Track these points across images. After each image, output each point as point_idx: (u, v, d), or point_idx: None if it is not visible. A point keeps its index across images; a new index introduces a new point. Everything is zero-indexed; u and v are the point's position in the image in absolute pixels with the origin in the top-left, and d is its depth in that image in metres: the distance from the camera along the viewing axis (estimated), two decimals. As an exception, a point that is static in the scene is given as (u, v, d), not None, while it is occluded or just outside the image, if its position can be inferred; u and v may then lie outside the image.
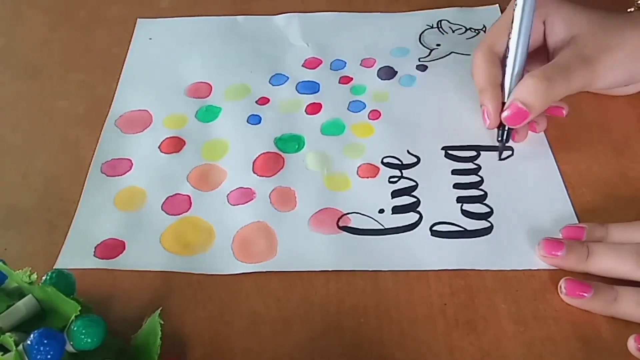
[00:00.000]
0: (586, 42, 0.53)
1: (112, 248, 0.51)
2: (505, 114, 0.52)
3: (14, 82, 0.66)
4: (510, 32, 0.53)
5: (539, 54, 0.56)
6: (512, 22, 0.53)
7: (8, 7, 0.76)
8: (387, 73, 0.65)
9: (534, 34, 0.54)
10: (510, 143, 0.56)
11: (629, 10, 0.58)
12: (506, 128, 0.54)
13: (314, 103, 0.62)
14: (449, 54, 0.66)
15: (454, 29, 0.70)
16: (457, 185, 0.54)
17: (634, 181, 0.53)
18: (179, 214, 0.53)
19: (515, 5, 0.53)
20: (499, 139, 0.55)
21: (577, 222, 0.51)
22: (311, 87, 0.63)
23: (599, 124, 0.58)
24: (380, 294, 0.47)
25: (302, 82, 0.64)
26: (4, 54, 0.70)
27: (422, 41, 0.68)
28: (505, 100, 0.53)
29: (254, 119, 0.60)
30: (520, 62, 0.53)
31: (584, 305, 0.45)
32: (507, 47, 0.54)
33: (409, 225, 0.51)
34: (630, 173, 0.54)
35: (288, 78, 0.65)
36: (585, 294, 0.44)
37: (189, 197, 0.54)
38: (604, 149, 0.56)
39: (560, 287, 0.46)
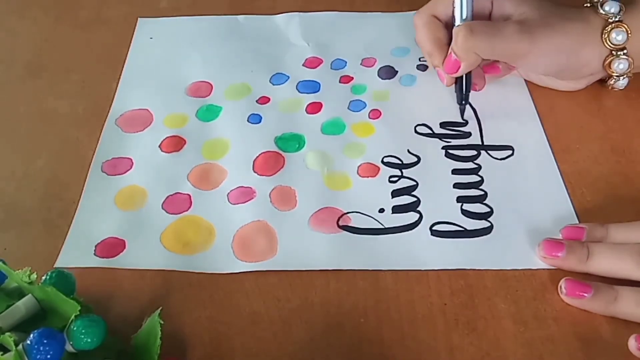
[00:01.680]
0: (530, 18, 0.55)
1: (112, 247, 0.51)
2: (444, 63, 0.56)
3: (14, 82, 0.66)
4: (454, 4, 0.56)
5: None
6: None
7: (8, 7, 0.76)
8: (388, 72, 0.65)
9: (480, 11, 0.57)
10: (510, 141, 0.56)
11: (585, 5, 0.59)
12: (462, 88, 0.57)
13: (315, 102, 0.62)
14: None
15: (454, 29, 0.69)
16: (457, 185, 0.54)
17: (634, 181, 0.53)
18: (179, 213, 0.53)
19: None
20: (458, 101, 0.58)
21: (577, 222, 0.51)
22: (312, 87, 0.63)
23: (599, 124, 0.58)
24: (380, 293, 0.47)
25: (303, 81, 0.64)
26: (4, 53, 0.70)
27: (422, 40, 0.68)
28: None
29: (255, 118, 0.60)
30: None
31: (584, 306, 0.45)
32: (453, 13, 0.56)
33: (409, 224, 0.51)
34: (630, 173, 0.54)
35: (288, 77, 0.65)
36: (585, 294, 0.44)
37: (190, 196, 0.54)
38: (604, 149, 0.56)
39: (560, 287, 0.46)
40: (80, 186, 0.55)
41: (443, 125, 0.59)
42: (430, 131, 0.58)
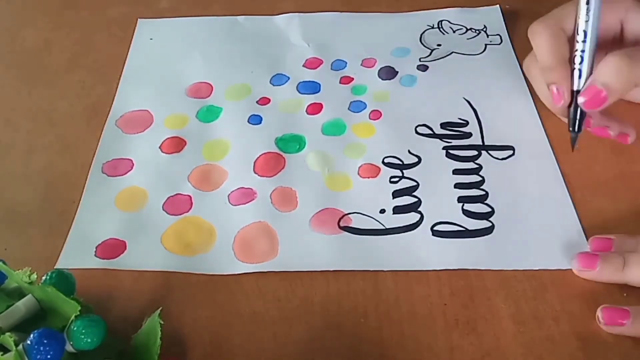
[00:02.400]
0: None
1: (113, 248, 0.51)
2: (582, 98, 0.50)
3: (14, 82, 0.66)
4: (579, 10, 0.50)
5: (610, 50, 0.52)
6: (586, 1, 0.50)
7: (9, 7, 0.76)
8: (388, 73, 0.65)
9: (608, 32, 0.52)
10: (510, 141, 0.56)
11: None
12: (577, 114, 0.51)
13: (315, 103, 0.62)
14: (450, 54, 0.66)
15: (454, 29, 0.70)
16: (458, 185, 0.54)
17: (634, 181, 0.53)
18: (180, 214, 0.53)
19: None
20: (572, 127, 0.52)
21: (578, 222, 0.50)
22: (312, 87, 0.63)
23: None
24: (380, 294, 0.47)
25: (303, 82, 0.64)
26: (4, 53, 0.70)
27: (422, 41, 0.68)
28: (576, 86, 0.50)
29: (255, 119, 0.60)
30: (594, 42, 0.50)
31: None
32: (576, 26, 0.51)
33: (410, 225, 0.51)
34: (630, 173, 0.54)
35: (289, 78, 0.65)
36: (624, 322, 0.43)
37: (190, 197, 0.54)
38: (604, 149, 0.56)
39: (598, 317, 0.44)
40: (81, 186, 0.55)
41: (443, 125, 0.59)
42: (430, 131, 0.58)
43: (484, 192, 0.53)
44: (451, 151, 0.57)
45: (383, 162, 0.56)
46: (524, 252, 0.49)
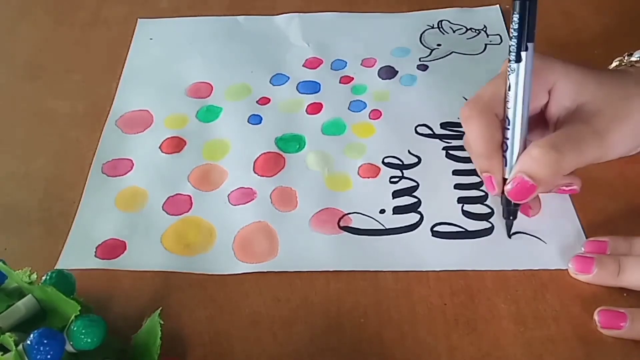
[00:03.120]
0: (596, 113, 0.47)
1: (113, 248, 0.51)
2: (508, 187, 0.47)
3: (14, 82, 0.66)
4: (506, 97, 0.47)
5: (537, 122, 0.51)
6: (509, 88, 0.47)
7: (8, 7, 0.76)
8: (388, 73, 0.65)
9: (536, 102, 0.49)
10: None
11: (610, 67, 0.55)
12: (512, 205, 0.49)
13: (315, 103, 0.62)
14: (450, 53, 0.66)
15: (454, 29, 0.70)
16: (458, 186, 0.54)
17: (634, 181, 0.53)
18: (180, 214, 0.53)
19: (510, 70, 0.47)
20: (505, 215, 0.50)
21: (578, 222, 0.51)
22: (312, 87, 0.63)
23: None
24: (380, 294, 0.47)
25: (303, 82, 0.64)
26: (4, 53, 0.70)
27: (422, 41, 0.68)
28: (506, 173, 0.48)
29: (255, 119, 0.60)
30: (523, 130, 0.47)
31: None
32: (505, 113, 0.48)
33: (410, 225, 0.51)
34: (630, 173, 0.54)
35: (289, 78, 0.65)
36: (622, 324, 0.43)
37: (190, 197, 0.54)
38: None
39: (595, 320, 0.44)
40: (81, 186, 0.55)
41: (443, 125, 0.59)
42: (430, 132, 0.58)
43: (483, 193, 0.53)
44: (451, 152, 0.56)
45: (383, 162, 0.56)
46: (524, 252, 0.49)
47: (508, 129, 0.47)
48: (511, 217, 0.49)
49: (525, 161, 0.46)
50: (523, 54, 0.46)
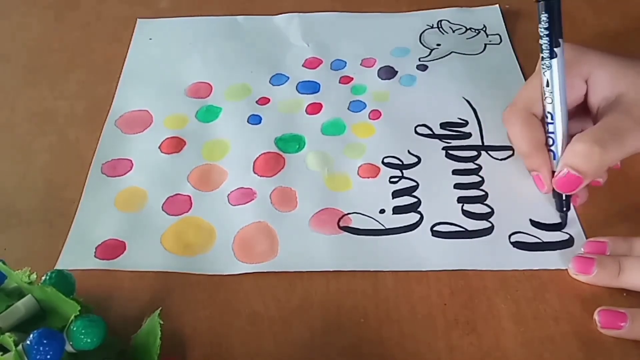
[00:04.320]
0: (635, 102, 0.48)
1: (112, 249, 0.51)
2: (557, 180, 0.49)
3: (13, 82, 0.66)
4: (543, 93, 0.50)
5: (580, 112, 0.52)
6: (545, 82, 0.49)
7: (8, 7, 0.76)
8: (388, 73, 0.65)
9: (574, 94, 0.51)
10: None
11: None
12: (563, 195, 0.50)
13: (315, 103, 0.62)
14: (449, 53, 0.66)
15: (454, 29, 0.70)
16: (457, 186, 0.54)
17: (634, 181, 0.53)
18: (179, 215, 0.53)
19: (544, 65, 0.49)
20: (559, 208, 0.51)
21: (578, 222, 0.51)
22: (311, 87, 0.63)
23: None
24: (380, 294, 0.47)
25: (303, 82, 0.64)
26: (4, 53, 0.70)
27: (422, 41, 0.68)
28: (554, 166, 0.50)
29: (255, 119, 0.60)
30: (564, 123, 0.49)
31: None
32: (544, 109, 0.50)
33: (410, 225, 0.51)
34: (630, 173, 0.54)
35: (288, 78, 0.65)
36: (622, 324, 0.43)
37: (190, 198, 0.54)
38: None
39: (595, 320, 0.44)
40: (80, 186, 0.55)
41: (443, 125, 0.59)
42: (430, 132, 0.58)
43: (483, 193, 0.53)
44: (451, 151, 0.57)
45: (383, 162, 0.56)
46: (524, 252, 0.49)
47: (551, 123, 0.50)
48: (565, 209, 0.50)
49: (570, 156, 0.48)
50: (556, 50, 0.48)
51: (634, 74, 0.50)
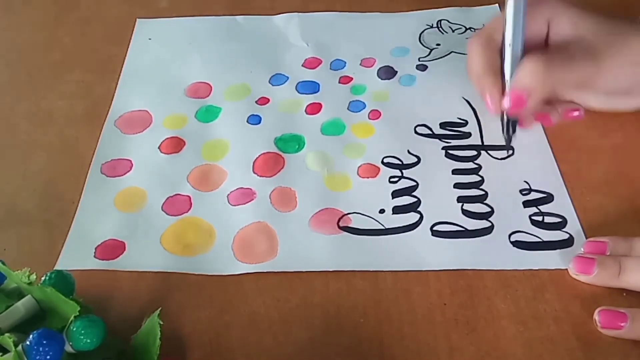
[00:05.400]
0: (592, 42, 0.51)
1: (112, 249, 0.51)
2: (504, 101, 0.52)
3: (13, 82, 0.66)
4: (504, 21, 0.52)
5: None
6: (507, 9, 0.52)
7: (7, 7, 0.76)
8: (387, 73, 0.65)
9: (535, 34, 0.53)
10: (513, 142, 0.56)
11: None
12: (510, 119, 0.53)
13: (314, 103, 0.62)
14: (449, 53, 0.66)
15: (453, 29, 0.70)
16: (457, 185, 0.54)
17: (634, 181, 0.53)
18: (179, 215, 0.53)
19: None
20: (504, 131, 0.54)
21: (578, 222, 0.51)
22: (311, 87, 0.63)
23: (599, 123, 0.58)
24: (380, 293, 0.47)
25: (302, 82, 0.64)
26: (4, 53, 0.70)
27: (422, 41, 0.68)
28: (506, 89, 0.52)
29: (254, 119, 0.60)
30: (517, 50, 0.52)
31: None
32: (503, 37, 0.53)
33: (410, 225, 0.51)
34: (630, 173, 0.54)
35: (288, 78, 0.65)
36: (622, 324, 0.43)
37: (189, 198, 0.54)
38: (604, 149, 0.56)
39: (595, 320, 0.44)
40: (80, 187, 0.55)
41: (443, 125, 0.59)
42: (430, 131, 0.58)
43: (483, 192, 0.53)
44: (450, 151, 0.56)
45: (382, 162, 0.56)
46: (524, 252, 0.49)
47: (506, 48, 0.52)
48: (510, 131, 0.54)
49: (519, 74, 0.51)
50: None
51: (593, 21, 0.53)
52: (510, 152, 0.56)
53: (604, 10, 0.54)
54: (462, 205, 0.52)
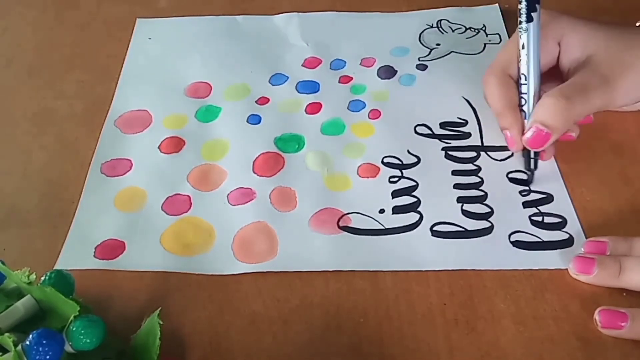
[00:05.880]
0: (603, 62, 0.51)
1: (112, 249, 0.51)
2: (526, 137, 0.51)
3: (13, 82, 0.66)
4: (519, 55, 0.52)
5: (552, 75, 0.55)
6: (521, 44, 0.52)
7: (7, 7, 0.76)
8: (387, 72, 0.65)
9: (547, 56, 0.54)
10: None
11: (637, 24, 0.58)
12: (532, 153, 0.53)
13: (314, 103, 0.62)
14: (449, 53, 0.66)
15: (453, 29, 0.69)
16: (457, 186, 0.54)
17: (634, 181, 0.53)
18: (179, 214, 0.53)
19: (521, 29, 0.52)
20: (527, 166, 0.54)
21: (578, 222, 0.51)
22: (311, 87, 0.63)
23: (599, 123, 0.58)
24: (379, 293, 0.47)
25: (302, 81, 0.64)
26: (4, 53, 0.69)
27: (422, 40, 0.68)
28: (526, 124, 0.52)
29: (254, 119, 0.60)
30: (536, 83, 0.52)
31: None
32: (519, 71, 0.53)
33: (410, 225, 0.51)
34: (630, 173, 0.54)
35: (288, 78, 0.65)
36: (623, 324, 0.43)
37: (189, 197, 0.54)
38: (604, 149, 0.56)
39: (595, 320, 0.44)
40: (80, 186, 0.55)
41: (443, 125, 0.59)
42: (430, 132, 0.58)
43: (483, 193, 0.53)
44: (450, 152, 0.56)
45: (382, 162, 0.56)
46: (524, 252, 0.49)
47: (524, 84, 0.53)
48: (532, 167, 0.53)
49: (539, 111, 0.51)
50: (533, 14, 0.52)
51: (602, 37, 0.53)
52: (510, 153, 0.56)
53: (609, 18, 0.54)
54: (462, 206, 0.52)
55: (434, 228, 0.51)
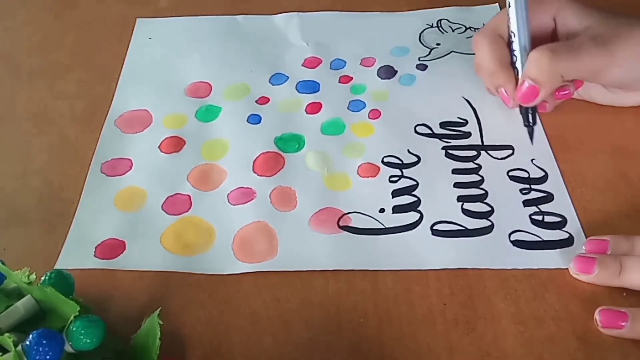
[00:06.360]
0: (600, 30, 0.52)
1: (112, 248, 0.51)
2: (518, 93, 0.53)
3: (13, 82, 0.66)
4: (508, 17, 0.53)
5: None
6: (507, 3, 0.53)
7: (7, 7, 0.76)
8: (387, 72, 0.65)
9: (543, 30, 0.55)
10: (510, 141, 0.56)
11: None
12: (528, 109, 0.54)
13: (314, 102, 0.62)
14: (449, 53, 0.66)
15: (453, 28, 0.69)
16: (457, 185, 0.54)
17: (634, 181, 0.53)
18: (179, 214, 0.53)
19: None
20: (526, 122, 0.55)
21: (578, 222, 0.50)
22: (311, 87, 0.63)
23: (599, 123, 0.58)
24: (379, 293, 0.47)
25: (302, 81, 0.64)
26: (4, 53, 0.69)
27: (422, 40, 0.68)
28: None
29: (254, 119, 0.60)
30: (524, 39, 0.53)
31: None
32: (509, 29, 0.54)
33: (410, 224, 0.51)
34: (630, 172, 0.54)
35: (288, 77, 0.65)
36: (623, 324, 0.43)
37: (189, 197, 0.54)
38: (604, 149, 0.56)
39: (596, 320, 0.44)
40: (80, 186, 0.55)
41: (443, 125, 0.59)
42: (430, 131, 0.58)
43: (483, 192, 0.53)
44: (450, 151, 0.56)
45: (382, 162, 0.56)
46: (524, 251, 0.49)
47: (513, 41, 0.54)
48: (530, 123, 0.54)
49: (527, 66, 0.52)
50: None
51: (598, 16, 0.53)
52: (510, 152, 0.56)
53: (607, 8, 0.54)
54: (462, 205, 0.52)
55: (434, 227, 0.51)
